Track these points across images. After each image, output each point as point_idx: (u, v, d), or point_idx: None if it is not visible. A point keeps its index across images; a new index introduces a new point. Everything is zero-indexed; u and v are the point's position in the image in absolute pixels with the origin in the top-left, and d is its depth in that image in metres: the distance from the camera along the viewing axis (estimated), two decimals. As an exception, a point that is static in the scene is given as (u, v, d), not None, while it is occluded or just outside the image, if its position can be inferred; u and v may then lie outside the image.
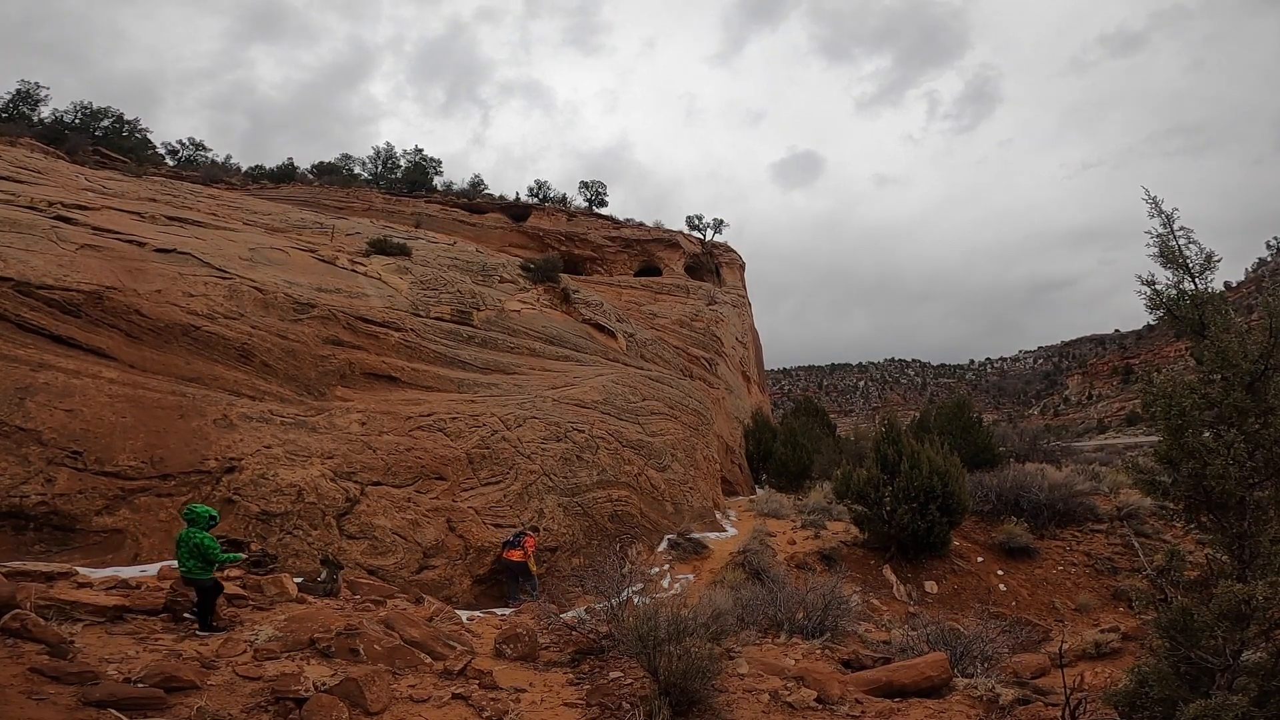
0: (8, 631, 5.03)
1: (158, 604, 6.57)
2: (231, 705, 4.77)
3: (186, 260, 13.49)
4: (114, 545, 8.85)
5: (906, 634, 9.78)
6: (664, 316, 32.90)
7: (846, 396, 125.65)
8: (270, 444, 10.86)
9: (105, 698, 4.33)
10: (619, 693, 6.19)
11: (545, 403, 15.50)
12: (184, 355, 11.51)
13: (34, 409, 9.20)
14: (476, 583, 11.50)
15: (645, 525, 15.12)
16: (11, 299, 10.20)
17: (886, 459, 15.77)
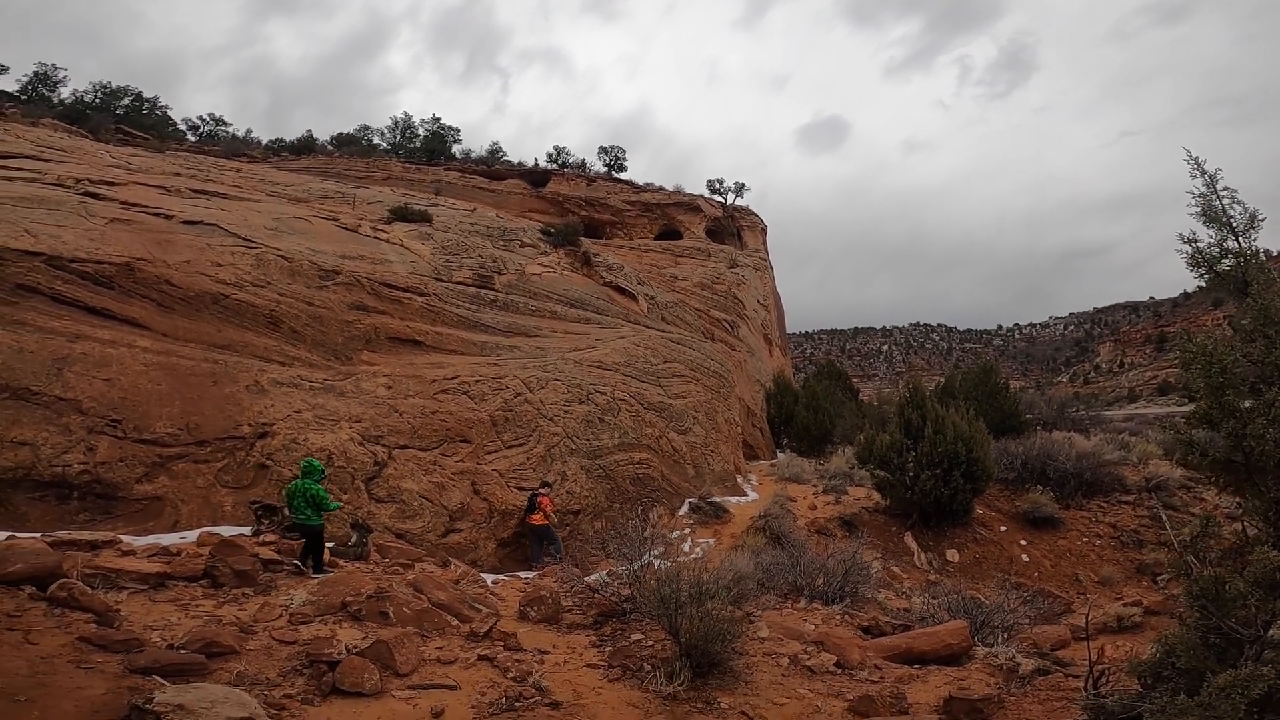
0: (56, 601, 5.21)
1: (198, 570, 6.76)
2: (269, 669, 4.95)
3: (213, 231, 13.70)
4: (154, 513, 9.14)
5: (927, 602, 9.78)
6: (685, 279, 32.67)
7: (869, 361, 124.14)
8: (300, 409, 11.09)
9: (149, 664, 4.48)
10: (640, 654, 6.31)
11: (567, 365, 15.57)
12: (215, 323, 11.73)
13: (73, 379, 9.47)
14: (501, 546, 11.73)
15: (666, 489, 15.24)
16: (45, 273, 10.45)
17: (910, 424, 15.47)
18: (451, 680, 5.29)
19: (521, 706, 4.97)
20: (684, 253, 36.35)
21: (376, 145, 44.97)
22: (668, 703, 5.52)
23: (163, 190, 15.87)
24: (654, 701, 5.52)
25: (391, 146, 44.75)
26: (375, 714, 4.57)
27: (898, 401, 17.71)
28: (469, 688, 5.24)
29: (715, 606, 6.01)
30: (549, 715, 4.76)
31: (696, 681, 5.79)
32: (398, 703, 4.82)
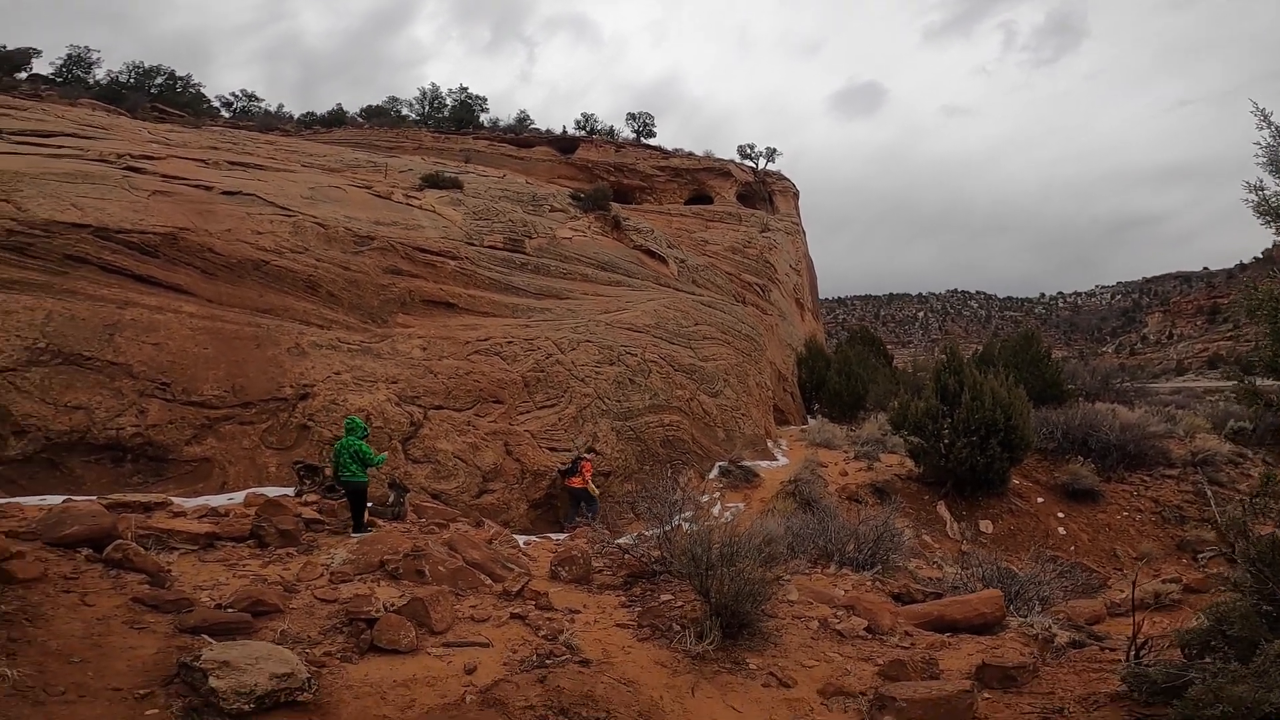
0: (111, 562, 5.33)
1: (245, 531, 6.90)
2: (310, 628, 5.02)
3: (252, 201, 13.87)
4: (203, 474, 9.39)
5: (959, 572, 9.56)
6: (715, 243, 32.11)
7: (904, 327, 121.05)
8: (339, 370, 11.23)
9: (198, 624, 4.57)
10: (669, 614, 6.26)
11: (598, 327, 15.49)
12: (256, 288, 11.90)
13: (123, 344, 9.69)
14: (532, 507, 11.84)
15: (696, 451, 15.16)
16: (93, 244, 10.68)
17: (947, 389, 14.97)
18: (484, 638, 5.32)
19: (552, 664, 4.97)
20: (715, 217, 35.69)
21: (405, 116, 44.95)
22: (696, 662, 5.48)
23: (201, 163, 16.07)
24: (682, 661, 5.48)
25: (420, 117, 44.65)
26: (411, 671, 4.60)
27: (934, 367, 17.20)
28: (501, 645, 5.26)
29: (746, 567, 5.90)
30: (579, 673, 4.74)
31: (725, 642, 5.73)
32: (432, 660, 4.86)
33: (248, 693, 3.68)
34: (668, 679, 5.18)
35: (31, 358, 8.86)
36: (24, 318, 9.20)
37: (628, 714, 4.38)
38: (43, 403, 8.59)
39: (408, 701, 4.20)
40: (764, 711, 5.06)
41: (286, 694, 3.80)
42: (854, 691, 5.46)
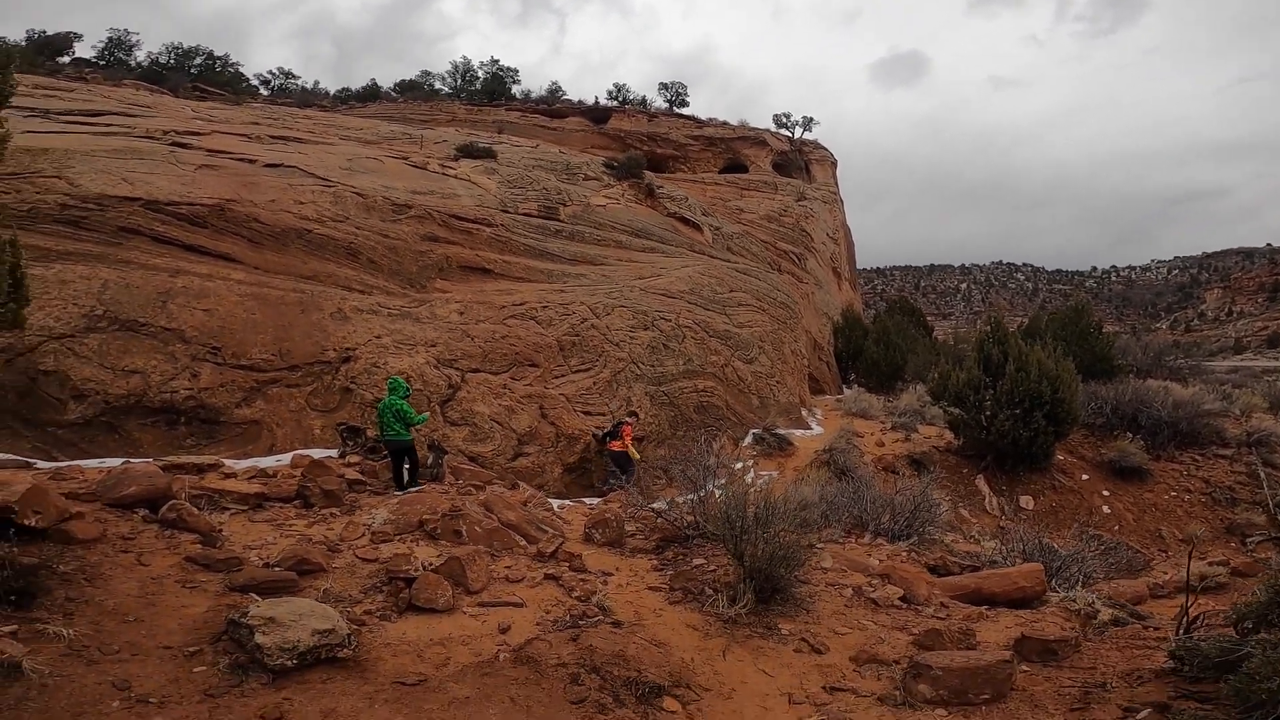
0: (166, 523, 5.48)
1: (291, 491, 7.02)
2: (351, 586, 5.11)
3: (293, 173, 14.12)
4: (252, 436, 9.65)
5: (998, 547, 9.27)
6: (751, 212, 31.42)
7: (945, 299, 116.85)
8: (380, 334, 11.39)
9: (247, 582, 4.69)
10: (702, 578, 6.20)
11: (632, 292, 15.37)
12: (300, 256, 12.11)
13: (176, 310, 9.98)
14: (567, 471, 11.90)
15: (730, 418, 15.02)
16: (144, 216, 11.00)
17: (990, 360, 14.33)
18: (519, 598, 5.34)
19: (584, 625, 4.97)
20: (750, 186, 34.88)
21: (438, 90, 44.94)
22: (728, 626, 5.43)
23: (244, 138, 16.33)
24: (714, 624, 5.44)
25: (453, 90, 44.58)
26: (447, 630, 4.65)
27: (977, 336, 16.56)
28: (535, 605, 5.28)
29: (780, 530, 5.78)
30: (611, 633, 4.73)
31: (758, 607, 5.66)
32: (468, 619, 4.90)
33: (290, 648, 3.74)
34: (699, 641, 5.14)
35: (89, 324, 9.16)
36: (81, 286, 9.52)
37: (658, 674, 4.35)
38: (101, 367, 8.90)
39: (443, 659, 4.25)
40: (795, 676, 4.99)
41: (328, 650, 3.86)
42: (887, 659, 5.34)
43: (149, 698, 3.40)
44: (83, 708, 3.24)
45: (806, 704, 4.68)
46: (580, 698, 3.95)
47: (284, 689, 3.66)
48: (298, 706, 3.55)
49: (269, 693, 3.61)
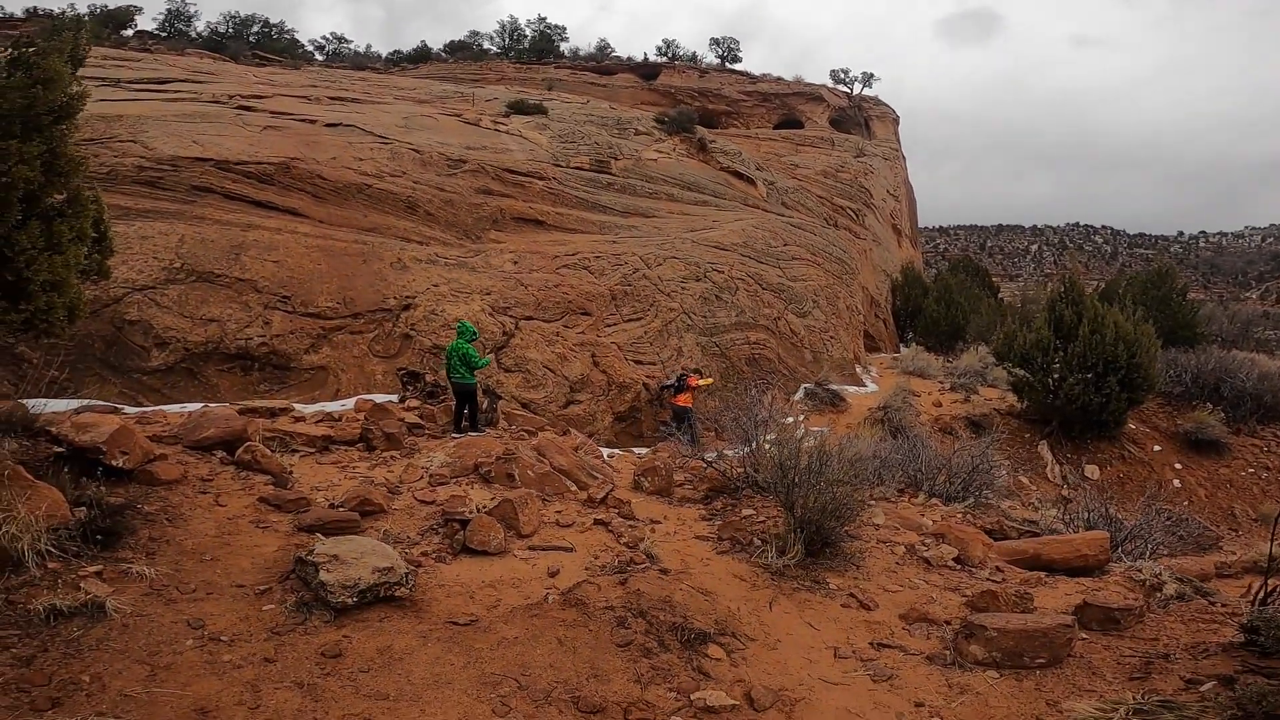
0: (241, 464, 5.68)
1: (355, 434, 7.22)
2: (410, 527, 5.21)
3: (352, 131, 14.47)
4: (319, 382, 10.01)
5: (1058, 516, 8.80)
6: (806, 167, 30.15)
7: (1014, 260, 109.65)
8: (437, 283, 11.58)
9: (313, 523, 4.83)
10: (750, 529, 6.09)
11: (684, 244, 15.13)
12: (361, 209, 12.39)
13: (248, 261, 10.35)
14: (617, 420, 11.93)
15: (782, 371, 14.73)
16: (215, 175, 11.44)
17: (1062, 320, 13.50)
18: (568, 543, 5.37)
19: (632, 571, 4.96)
20: (806, 141, 33.45)
21: (487, 50, 44.65)
22: (775, 578, 5.33)
23: (304, 100, 16.69)
24: (761, 576, 5.35)
25: (501, 50, 44.14)
26: (498, 572, 4.71)
27: (1049, 296, 15.54)
28: (583, 550, 5.30)
29: (834, 482, 5.59)
30: (658, 579, 4.70)
31: (807, 560, 5.53)
32: (518, 562, 4.95)
33: (352, 586, 3.82)
34: (745, 592, 5.07)
35: (169, 276, 9.59)
36: (160, 241, 9.96)
37: (704, 621, 4.31)
38: (180, 316, 9.33)
39: (493, 601, 4.30)
40: (842, 631, 4.87)
41: (386, 588, 3.93)
42: (938, 619, 5.16)
43: (220, 636, 3.54)
44: (159, 647, 3.37)
45: (852, 659, 4.57)
46: (626, 641, 3.94)
47: (344, 626, 3.76)
48: (356, 644, 3.64)
49: (330, 630, 3.71)
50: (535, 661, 3.72)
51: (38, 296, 4.41)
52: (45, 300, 4.46)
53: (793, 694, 4.06)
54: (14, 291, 4.38)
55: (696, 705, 3.67)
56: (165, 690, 3.10)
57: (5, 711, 2.80)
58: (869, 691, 4.28)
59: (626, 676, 3.73)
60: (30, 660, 3.10)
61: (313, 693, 3.26)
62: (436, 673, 3.55)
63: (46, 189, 4.68)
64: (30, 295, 4.41)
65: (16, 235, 4.29)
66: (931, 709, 4.17)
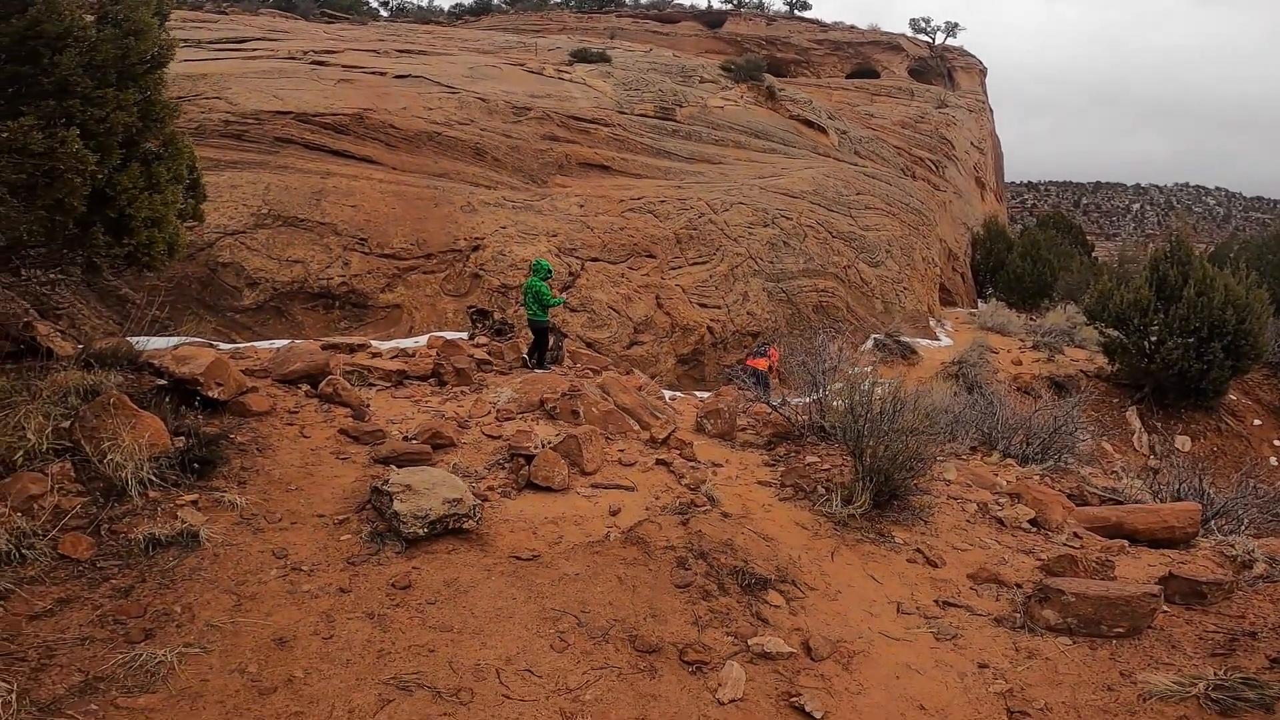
0: (324, 397, 5.86)
1: (427, 370, 7.36)
2: (477, 461, 5.28)
3: (420, 82, 14.72)
4: (394, 320, 10.36)
5: (1143, 487, 8.15)
6: (882, 117, 28.42)
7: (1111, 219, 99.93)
8: (505, 225, 11.71)
9: (388, 455, 4.97)
10: (814, 476, 5.90)
11: (751, 190, 14.67)
12: (431, 156, 12.59)
13: (328, 207, 10.71)
14: (680, 362, 11.85)
15: (850, 320, 14.23)
16: (296, 126, 11.85)
17: (1165, 281, 12.46)
18: (630, 482, 5.35)
19: (693, 513, 4.92)
20: (881, 91, 31.48)
21: (547, 0, 43.38)
22: (839, 528, 5.17)
23: (373, 53, 16.98)
24: (824, 525, 5.20)
25: (562, 0, 42.86)
26: (561, 509, 4.74)
27: (1152, 255, 14.22)
28: (645, 490, 5.28)
29: (907, 429, 5.31)
30: (719, 522, 4.64)
31: (872, 512, 5.33)
32: (581, 499, 4.97)
33: (423, 516, 3.90)
34: (807, 540, 4.95)
35: (257, 222, 10.02)
36: (247, 190, 10.41)
37: (765, 567, 4.23)
38: (268, 258, 9.77)
39: (555, 537, 4.33)
40: (905, 586, 4.70)
41: (454, 520, 4.00)
42: (1009, 582, 4.89)
43: (301, 565, 3.67)
44: (245, 576, 3.51)
45: (916, 615, 4.40)
46: (685, 582, 3.91)
47: (414, 558, 3.85)
48: (424, 575, 3.73)
49: (400, 561, 3.81)
50: (594, 599, 3.74)
51: (139, 232, 4.63)
52: (146, 235, 4.68)
53: (851, 646, 3.95)
54: (117, 228, 4.60)
55: (753, 651, 3.62)
56: (248, 620, 3.23)
57: (102, 644, 2.92)
58: (931, 649, 4.12)
59: (684, 618, 3.71)
60: (129, 591, 3.23)
61: (382, 623, 3.35)
62: (499, 606, 3.61)
63: (144, 134, 4.86)
64: (132, 231, 4.64)
65: (118, 177, 4.47)
66: (996, 671, 3.98)
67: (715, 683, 3.39)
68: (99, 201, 4.39)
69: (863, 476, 5.34)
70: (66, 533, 3.40)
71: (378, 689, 3.00)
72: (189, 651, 2.97)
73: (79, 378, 4.54)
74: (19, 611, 2.97)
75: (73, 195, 3.96)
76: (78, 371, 4.63)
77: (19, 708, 2.52)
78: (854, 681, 3.69)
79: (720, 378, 11.99)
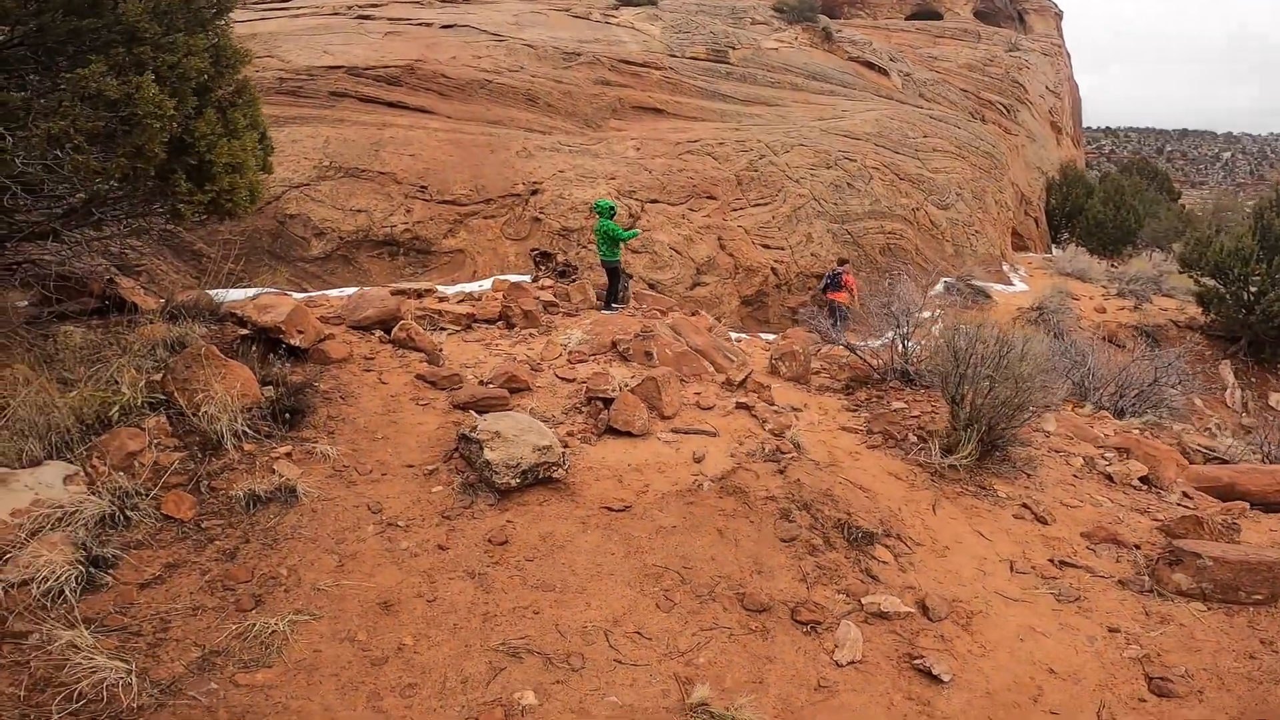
0: (397, 343, 5.70)
1: (495, 313, 7.09)
2: (554, 406, 5.05)
3: (468, 31, 14.38)
4: (458, 264, 10.20)
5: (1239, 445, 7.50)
6: (947, 60, 26.37)
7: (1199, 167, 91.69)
8: (562, 168, 11.33)
9: (467, 400, 4.78)
10: (904, 423, 5.48)
11: (812, 132, 13.84)
12: (484, 104, 12.24)
13: (387, 156, 10.52)
14: (744, 304, 11.41)
15: (919, 263, 13.44)
16: (349, 80, 11.65)
17: (1270, 230, 11.64)
18: (711, 427, 5.05)
19: (781, 460, 4.60)
20: (945, 33, 29.15)
21: None
22: (935, 479, 4.79)
23: (417, 4, 16.51)
24: (919, 475, 4.82)
25: None
26: (643, 455, 4.49)
27: (1257, 204, 13.04)
28: (727, 435, 4.98)
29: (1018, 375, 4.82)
30: (816, 471, 4.30)
31: (971, 464, 4.91)
32: (662, 445, 4.71)
33: (515, 465, 3.69)
34: (905, 492, 4.59)
35: (319, 174, 9.91)
36: (308, 144, 10.29)
37: (869, 519, 3.90)
38: (333, 209, 9.67)
39: (642, 486, 4.08)
40: (1016, 544, 4.31)
41: (545, 469, 3.79)
42: (1127, 542, 4.46)
43: (397, 521, 3.51)
44: (344, 534, 3.36)
45: (1031, 574, 4.03)
46: (790, 535, 3.62)
47: (507, 510, 3.67)
48: (520, 530, 3.54)
49: (494, 514, 3.62)
50: (696, 553, 3.49)
51: (221, 178, 4.43)
52: (229, 181, 4.49)
53: (968, 606, 3.63)
54: (199, 175, 4.42)
55: (868, 610, 3.34)
56: (352, 582, 3.09)
57: (214, 613, 2.78)
58: (1053, 611, 3.77)
59: (791, 574, 3.44)
60: (234, 553, 3.09)
61: (483, 583, 3.19)
62: (598, 562, 3.40)
63: (216, 80, 4.64)
64: (214, 177, 4.44)
65: (194, 123, 4.28)
66: (1128, 636, 3.62)
67: (831, 644, 3.14)
68: (178, 149, 4.20)
69: (964, 426, 4.89)
70: (168, 491, 3.28)
71: (487, 656, 2.84)
72: (299, 619, 2.84)
73: (165, 330, 4.44)
74: (129, 580, 2.84)
75: (152, 141, 3.74)
76: (163, 324, 4.54)
77: (139, 690, 2.37)
78: (976, 643, 3.38)
79: (784, 318, 11.51)
